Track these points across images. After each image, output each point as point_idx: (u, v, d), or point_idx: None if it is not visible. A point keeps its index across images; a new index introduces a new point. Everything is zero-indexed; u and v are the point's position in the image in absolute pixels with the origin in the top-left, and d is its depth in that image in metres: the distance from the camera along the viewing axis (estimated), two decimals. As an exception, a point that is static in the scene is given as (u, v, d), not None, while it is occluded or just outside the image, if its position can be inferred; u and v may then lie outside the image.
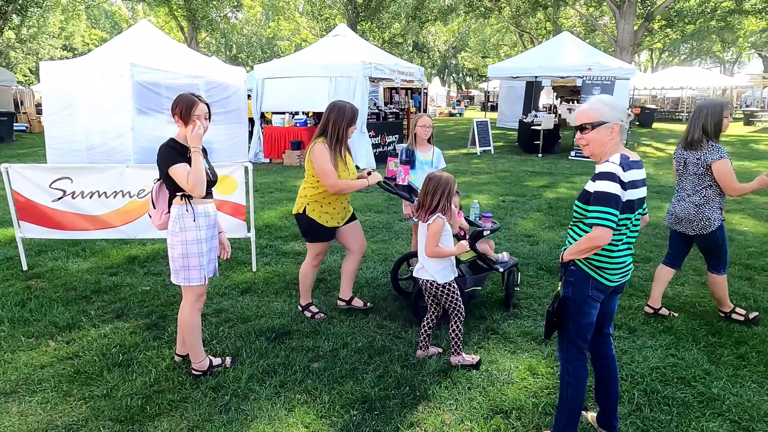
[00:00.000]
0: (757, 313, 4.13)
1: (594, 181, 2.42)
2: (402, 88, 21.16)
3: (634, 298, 4.57)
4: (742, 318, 4.10)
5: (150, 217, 3.32)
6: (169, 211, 3.21)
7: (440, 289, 3.43)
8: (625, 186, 2.36)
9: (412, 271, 3.93)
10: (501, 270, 4.22)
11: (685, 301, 4.54)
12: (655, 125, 25.39)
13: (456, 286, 3.46)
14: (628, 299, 4.54)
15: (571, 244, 2.56)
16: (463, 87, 66.34)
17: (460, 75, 63.27)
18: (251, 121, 13.32)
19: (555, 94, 24.39)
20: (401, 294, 4.62)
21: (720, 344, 3.77)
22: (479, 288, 4.26)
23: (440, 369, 3.43)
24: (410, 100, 20.13)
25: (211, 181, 3.21)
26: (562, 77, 16.73)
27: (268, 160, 13.05)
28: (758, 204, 8.34)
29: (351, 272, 4.31)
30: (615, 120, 2.45)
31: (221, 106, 11.80)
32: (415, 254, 4.13)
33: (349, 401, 3.08)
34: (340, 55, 12.29)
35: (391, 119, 14.18)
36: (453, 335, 3.47)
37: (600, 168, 2.42)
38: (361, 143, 11.88)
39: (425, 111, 32.53)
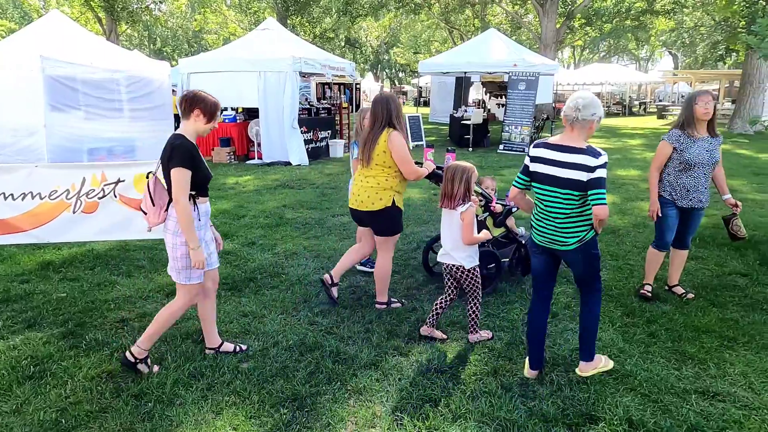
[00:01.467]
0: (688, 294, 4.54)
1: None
2: (335, 84, 21.07)
3: (557, 285, 4.77)
4: (649, 294, 4.50)
5: (144, 214, 3.21)
6: (167, 209, 3.15)
7: (465, 273, 3.62)
8: (531, 158, 3.11)
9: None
10: (523, 242, 4.72)
11: (603, 285, 4.78)
12: (577, 119, 26.56)
13: (478, 271, 3.69)
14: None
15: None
16: (397, 82, 66.85)
17: (393, 70, 63.70)
18: (177, 117, 12.83)
19: (484, 89, 25.04)
20: (431, 274, 4.95)
21: (633, 324, 4.02)
22: (507, 260, 4.79)
23: (372, 362, 3.45)
24: (342, 96, 20.05)
25: (207, 178, 3.22)
26: (490, 73, 17.20)
27: (196, 158, 12.62)
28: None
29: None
30: (563, 114, 3.03)
31: (144, 102, 11.27)
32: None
33: (279, 400, 3.04)
34: (270, 50, 12.05)
35: (323, 115, 14.07)
36: (472, 315, 3.70)
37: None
38: (293, 139, 11.73)
39: (359, 106, 32.49)
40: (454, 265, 3.64)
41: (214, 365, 3.39)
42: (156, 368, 3.35)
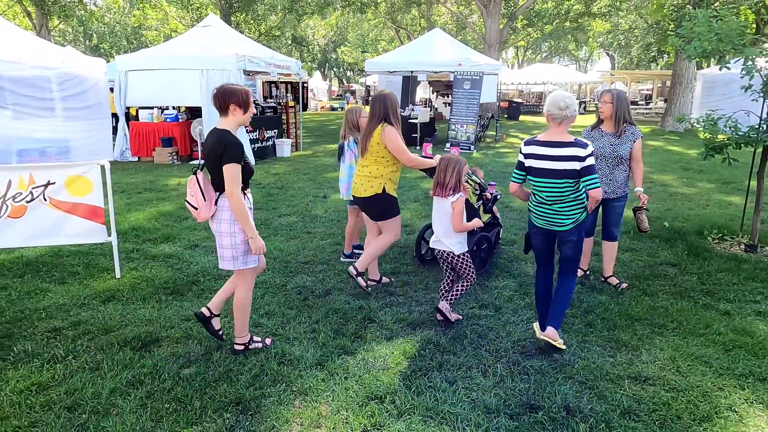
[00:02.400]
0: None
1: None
2: (282, 82, 20.79)
3: (499, 279, 4.90)
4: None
5: (195, 209, 3.28)
6: (216, 202, 3.25)
7: (456, 258, 3.87)
8: (525, 156, 3.49)
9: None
10: (501, 225, 5.51)
11: (543, 278, 4.94)
12: (521, 118, 27.34)
13: (469, 255, 3.95)
14: (494, 280, 4.86)
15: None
16: (345, 81, 66.68)
17: (341, 69, 63.51)
18: (115, 116, 12.34)
19: (431, 88, 25.34)
20: (423, 263, 5.30)
21: (572, 315, 4.17)
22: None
23: (318, 362, 3.44)
24: (289, 95, 19.82)
25: (251, 172, 3.38)
26: (436, 72, 17.42)
27: (136, 159, 12.18)
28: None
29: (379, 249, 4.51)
30: (545, 111, 3.36)
31: (79, 100, 10.79)
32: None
33: (223, 405, 2.98)
34: (212, 47, 11.76)
35: (269, 114, 13.86)
36: (458, 291, 3.93)
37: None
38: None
39: (306, 106, 32.18)
40: (445, 251, 3.90)
41: (153, 372, 3.29)
42: (268, 341, 3.65)
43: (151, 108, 12.29)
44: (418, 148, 14.52)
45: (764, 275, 4.98)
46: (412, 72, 16.63)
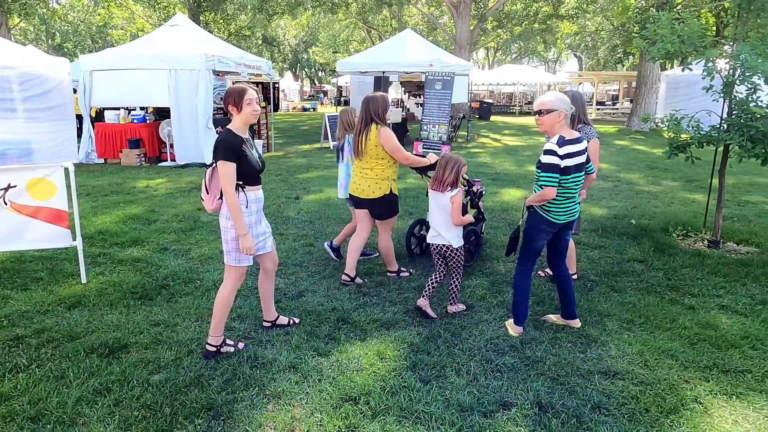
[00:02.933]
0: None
1: (543, 154, 3.46)
2: (252, 83, 20.57)
3: (472, 278, 4.93)
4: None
5: (203, 201, 3.50)
6: (221, 197, 3.36)
7: (453, 251, 4.05)
8: (562, 157, 3.43)
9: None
10: (485, 219, 5.76)
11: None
12: (492, 118, 27.65)
13: (462, 250, 4.12)
14: (467, 279, 4.89)
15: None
16: (317, 82, 66.37)
17: (313, 69, 63.19)
18: (79, 117, 12.02)
19: (403, 88, 25.41)
20: (411, 255, 5.53)
21: (543, 312, 4.22)
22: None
23: (291, 365, 3.40)
24: (259, 95, 19.62)
25: (261, 169, 3.44)
26: (408, 72, 17.48)
27: (102, 161, 11.89)
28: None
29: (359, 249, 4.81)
30: (561, 109, 3.47)
31: (41, 101, 10.48)
32: (421, 222, 5.51)
33: (194, 410, 2.93)
34: (180, 47, 11.56)
35: (240, 114, 13.69)
36: (454, 289, 4.15)
37: (546, 146, 3.47)
38: (208, 140, 11.32)
39: (277, 106, 31.87)
40: (443, 245, 4.06)
41: (122, 379, 3.21)
42: (241, 345, 3.63)
43: (118, 109, 12.01)
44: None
45: (726, 270, 5.14)
46: (383, 72, 16.65)
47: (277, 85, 33.35)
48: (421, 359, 3.49)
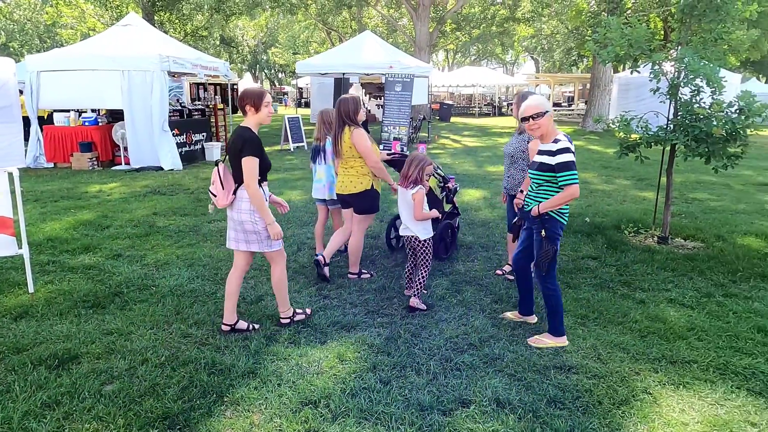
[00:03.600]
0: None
1: (554, 155, 3.45)
2: (210, 84, 20.20)
3: (432, 278, 4.98)
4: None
5: (215, 196, 3.63)
6: (234, 192, 3.59)
7: (420, 243, 4.21)
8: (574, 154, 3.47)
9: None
10: (459, 214, 5.97)
11: (474, 276, 5.08)
12: (453, 119, 27.98)
13: (431, 242, 4.27)
14: (429, 279, 4.92)
15: (533, 203, 3.60)
16: (277, 83, 65.71)
17: (273, 71, 62.51)
18: (26, 120, 11.53)
19: (363, 90, 25.42)
20: (391, 249, 5.76)
21: (501, 310, 4.30)
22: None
23: (250, 370, 3.36)
24: (217, 97, 19.28)
25: (269, 166, 3.69)
26: (368, 74, 17.51)
27: (52, 165, 11.45)
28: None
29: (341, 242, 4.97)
30: (550, 109, 3.57)
31: (-16, 103, 10.00)
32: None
33: (149, 420, 2.85)
34: (134, 47, 11.26)
35: (196, 116, 13.43)
36: (420, 281, 4.24)
37: (557, 146, 3.46)
38: (163, 142, 11.07)
39: (236, 109, 31.29)
40: (411, 236, 4.24)
41: (72, 391, 3.10)
42: (308, 311, 4.13)
43: (68, 111, 11.59)
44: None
45: (674, 265, 5.35)
46: (344, 74, 16.63)
47: (235, 87, 32.86)
48: (381, 360, 3.50)
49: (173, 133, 11.41)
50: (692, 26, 6.20)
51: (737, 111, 5.41)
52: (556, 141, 3.53)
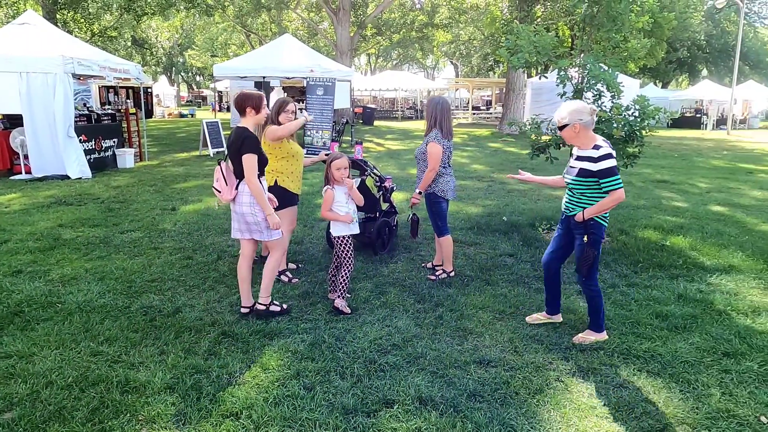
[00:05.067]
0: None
1: (596, 162, 3.50)
2: (122, 87, 19.22)
3: (356, 281, 5.00)
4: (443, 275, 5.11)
5: (219, 192, 4.02)
6: (237, 187, 3.94)
7: (335, 239, 4.31)
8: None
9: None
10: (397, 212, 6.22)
11: (398, 277, 5.15)
12: (376, 123, 28.23)
13: (349, 241, 4.32)
14: (352, 282, 4.94)
15: (577, 209, 3.68)
16: (194, 87, 63.48)
17: (190, 74, 60.32)
18: None
19: (286, 94, 25.10)
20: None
21: (423, 309, 4.39)
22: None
23: (167, 386, 3.22)
24: (129, 101, 18.37)
25: (266, 162, 4.03)
26: (289, 78, 17.31)
27: (-60, 175, 10.42)
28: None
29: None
30: (574, 122, 3.58)
31: None
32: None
33: (54, 447, 2.67)
34: (33, 48, 10.47)
35: (106, 121, 12.71)
36: (342, 281, 4.31)
37: (599, 152, 3.51)
38: (69, 149, 10.37)
39: (151, 113, 30.01)
40: (330, 233, 4.42)
41: (-36, 422, 2.84)
42: (285, 306, 4.29)
43: (-43, 116, 10.60)
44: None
45: (583, 258, 5.68)
46: (264, 77, 16.34)
47: (149, 90, 31.39)
48: (305, 366, 3.47)
49: (80, 140, 10.73)
50: (593, 35, 6.64)
51: (634, 114, 5.84)
52: (596, 147, 3.55)
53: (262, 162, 3.95)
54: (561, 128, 3.68)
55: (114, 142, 12.25)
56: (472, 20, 31.24)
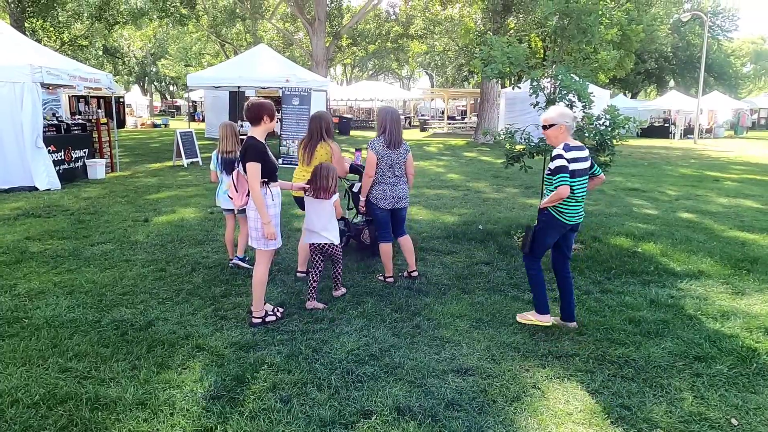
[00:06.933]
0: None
1: (552, 161, 3.90)
2: (92, 97, 18.87)
3: (331, 291, 4.96)
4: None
5: (231, 198, 4.22)
6: (248, 194, 4.03)
7: (335, 248, 4.59)
8: (569, 160, 3.86)
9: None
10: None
11: (374, 287, 5.13)
12: (352, 132, 28.27)
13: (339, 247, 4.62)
14: (326, 292, 4.91)
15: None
16: (168, 96, 62.73)
17: (163, 83, 59.59)
18: None
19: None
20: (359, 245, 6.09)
21: (401, 319, 4.38)
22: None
23: (139, 401, 3.14)
24: (100, 110, 18.05)
25: (276, 168, 4.12)
26: (264, 87, 17.24)
27: None
28: (429, 196, 10.03)
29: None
30: (560, 123, 3.94)
31: None
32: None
33: (19, 468, 2.57)
34: (0, 56, 10.23)
35: (76, 131, 12.45)
36: (337, 275, 4.82)
37: (553, 153, 3.92)
38: (38, 160, 10.12)
39: (123, 123, 29.54)
40: (326, 243, 4.54)
41: (-77, 445, 2.72)
42: (280, 311, 4.36)
43: None
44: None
45: (558, 266, 5.75)
46: (239, 87, 16.23)
47: (122, 100, 30.90)
48: (282, 379, 3.42)
49: (49, 150, 10.48)
50: (564, 46, 6.78)
51: (605, 124, 5.96)
52: (559, 148, 3.94)
53: (271, 169, 4.04)
54: (547, 127, 3.99)
55: (84, 152, 11.99)
56: (446, 31, 31.58)
